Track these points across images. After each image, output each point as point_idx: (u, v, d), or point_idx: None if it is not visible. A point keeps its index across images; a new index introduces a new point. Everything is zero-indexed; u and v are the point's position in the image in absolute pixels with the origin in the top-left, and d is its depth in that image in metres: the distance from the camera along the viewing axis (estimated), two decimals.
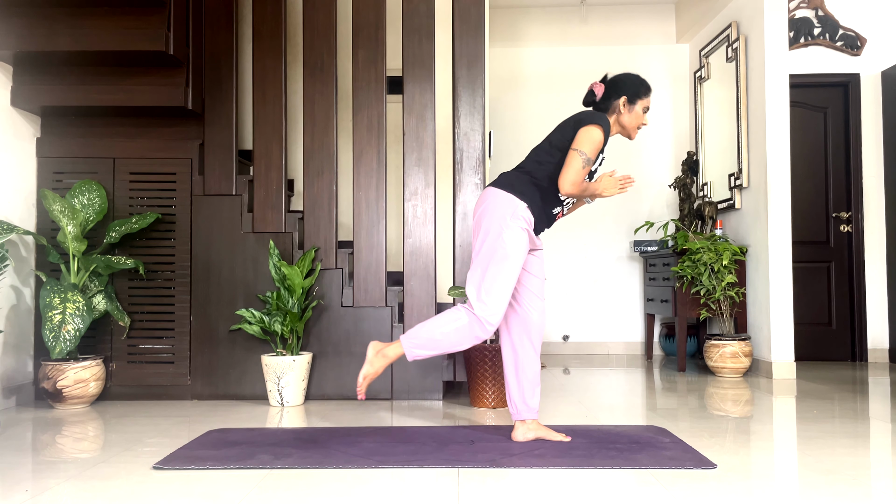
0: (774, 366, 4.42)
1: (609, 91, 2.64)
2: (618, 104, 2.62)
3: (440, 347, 2.53)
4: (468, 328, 2.49)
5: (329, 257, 3.69)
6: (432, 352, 2.54)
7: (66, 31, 3.37)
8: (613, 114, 2.64)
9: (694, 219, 5.30)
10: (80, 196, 3.52)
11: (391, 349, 2.57)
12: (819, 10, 5.45)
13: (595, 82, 2.67)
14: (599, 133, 2.50)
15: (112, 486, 2.10)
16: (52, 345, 3.26)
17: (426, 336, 2.52)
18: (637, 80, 2.64)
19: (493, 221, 2.51)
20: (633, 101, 2.62)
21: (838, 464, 2.33)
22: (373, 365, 2.58)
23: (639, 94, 2.62)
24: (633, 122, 2.64)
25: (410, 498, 1.98)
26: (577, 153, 2.48)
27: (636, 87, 2.62)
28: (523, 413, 2.65)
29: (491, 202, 2.54)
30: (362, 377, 2.58)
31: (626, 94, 2.61)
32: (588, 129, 2.50)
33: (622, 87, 2.62)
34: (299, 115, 4.65)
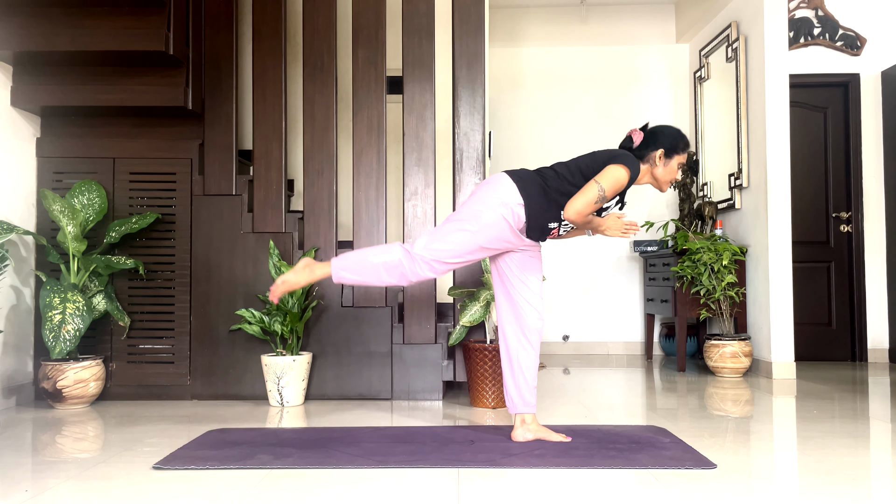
0: (774, 366, 4.42)
1: (647, 140, 2.62)
2: (654, 156, 2.60)
3: (365, 275, 2.55)
4: (398, 263, 2.52)
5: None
6: (358, 277, 2.56)
7: (65, 31, 3.37)
8: (648, 163, 2.62)
9: (694, 219, 5.30)
10: (80, 196, 3.52)
11: (319, 268, 2.59)
12: (819, 10, 5.45)
13: (634, 129, 2.65)
14: (625, 176, 2.49)
15: (112, 486, 2.10)
16: (52, 345, 3.26)
17: (356, 260, 2.55)
18: (677, 135, 2.62)
19: (485, 197, 2.52)
20: (669, 156, 2.61)
21: (838, 464, 2.33)
22: (297, 274, 2.60)
23: (676, 148, 2.61)
24: (666, 176, 2.63)
25: (410, 498, 1.98)
26: (597, 186, 2.47)
27: (675, 142, 2.61)
28: (519, 406, 2.65)
29: (494, 183, 2.55)
30: (281, 281, 2.60)
31: (663, 147, 2.60)
32: (616, 167, 2.49)
33: (661, 140, 2.61)
34: (299, 115, 4.66)
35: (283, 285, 2.59)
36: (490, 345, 3.37)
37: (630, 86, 6.04)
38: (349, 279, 2.57)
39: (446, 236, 2.51)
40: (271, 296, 2.60)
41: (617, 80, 6.05)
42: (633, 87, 6.04)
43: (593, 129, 6.01)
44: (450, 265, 2.55)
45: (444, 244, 2.51)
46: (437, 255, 2.51)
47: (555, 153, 5.99)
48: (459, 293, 3.48)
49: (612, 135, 6.01)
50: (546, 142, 6.03)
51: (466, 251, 2.52)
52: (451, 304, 4.37)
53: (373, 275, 2.55)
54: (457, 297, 3.52)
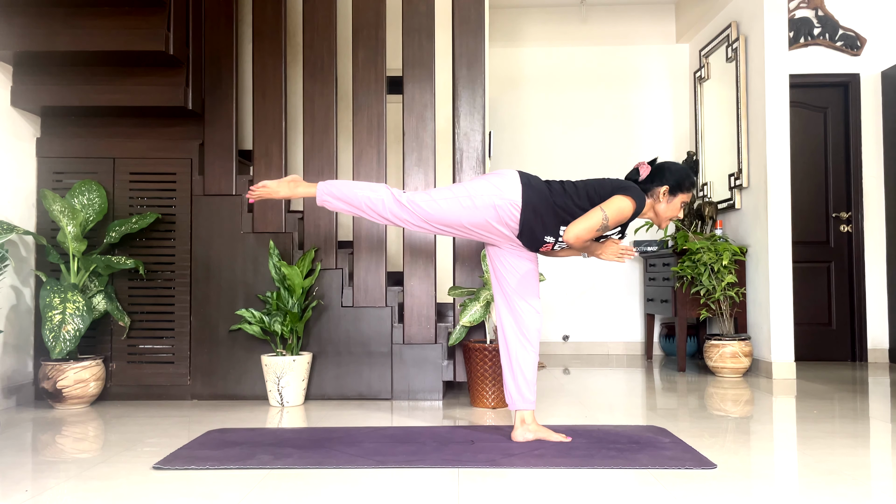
0: (774, 366, 4.42)
1: (654, 175, 2.62)
2: (658, 191, 2.60)
3: (348, 202, 2.60)
4: (380, 201, 2.57)
5: (329, 257, 3.69)
6: (340, 203, 2.61)
7: (66, 30, 3.37)
8: (651, 198, 2.62)
9: (694, 219, 5.30)
10: (80, 196, 3.52)
11: (304, 187, 2.67)
12: (819, 10, 5.45)
13: (642, 162, 2.65)
14: (630, 208, 2.49)
15: (112, 486, 2.10)
16: (52, 345, 3.26)
17: (342, 187, 2.61)
18: (683, 174, 2.62)
19: (488, 185, 2.53)
20: (673, 193, 2.61)
21: (838, 464, 2.33)
22: (280, 186, 2.66)
23: (682, 187, 2.62)
24: (667, 213, 2.63)
25: (410, 498, 1.98)
26: (601, 213, 2.46)
27: (680, 180, 2.61)
28: (518, 403, 2.65)
29: (503, 177, 2.55)
30: (263, 184, 2.65)
31: (668, 184, 2.60)
32: (623, 199, 2.49)
33: (667, 176, 2.60)
34: (299, 115, 4.66)
35: (264, 189, 2.65)
36: (490, 345, 3.37)
37: (630, 86, 6.04)
38: (331, 204, 2.62)
39: (437, 198, 2.55)
40: (250, 195, 2.66)
41: (617, 80, 6.05)
42: (633, 87, 6.04)
43: (593, 129, 6.01)
44: (427, 225, 2.58)
45: (431, 203, 2.54)
46: (421, 209, 2.55)
47: (555, 153, 6.00)
48: (459, 293, 3.48)
49: (612, 135, 6.01)
50: (546, 142, 6.03)
51: (448, 222, 2.55)
52: (451, 304, 4.37)
53: (355, 204, 2.60)
54: (457, 297, 3.52)
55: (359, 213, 2.62)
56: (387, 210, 2.57)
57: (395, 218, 2.58)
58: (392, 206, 2.56)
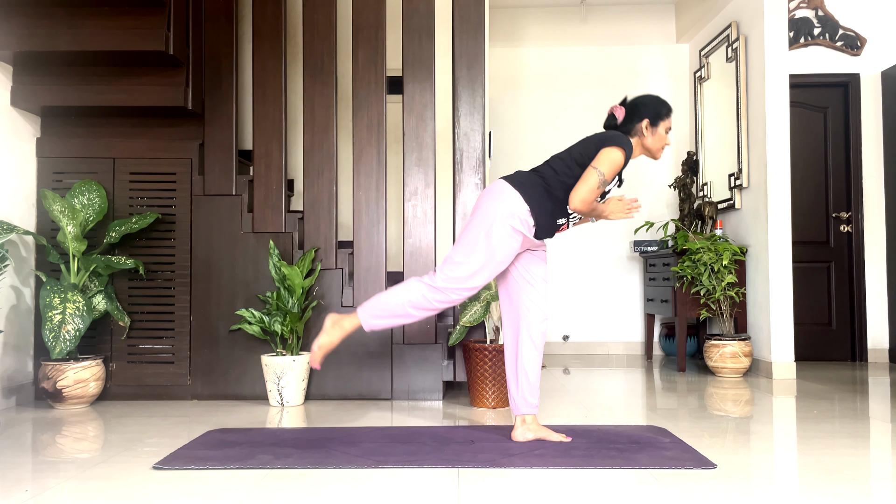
0: (774, 366, 4.42)
1: (630, 114, 2.62)
2: (640, 127, 2.60)
3: (395, 317, 2.55)
4: (423, 298, 2.52)
5: (329, 257, 3.69)
6: (388, 321, 2.56)
7: (66, 31, 3.37)
8: (636, 136, 2.62)
9: (694, 219, 5.30)
10: (80, 196, 3.52)
11: (348, 321, 2.59)
12: (819, 10, 5.45)
13: (615, 105, 2.65)
14: (620, 156, 2.50)
15: (112, 486, 2.10)
16: (52, 345, 3.26)
17: (381, 305, 2.55)
18: (658, 102, 2.63)
19: (491, 212, 2.51)
20: (655, 124, 2.61)
21: (838, 464, 2.33)
22: (329, 335, 2.60)
23: (660, 115, 2.61)
24: (656, 144, 2.63)
25: (410, 498, 1.98)
26: (596, 171, 2.47)
27: (657, 109, 2.61)
28: (522, 408, 2.65)
29: (497, 193, 2.54)
30: (317, 346, 2.59)
31: (647, 116, 2.60)
32: (610, 150, 2.49)
33: (643, 110, 2.61)
34: (299, 115, 4.66)
35: (320, 350, 2.60)
36: (490, 345, 3.37)
37: (630, 86, 6.04)
38: (381, 325, 2.57)
39: (463, 260, 2.50)
40: (313, 364, 2.63)
41: (617, 80, 6.05)
42: (633, 87, 6.04)
43: (593, 129, 6.01)
44: (475, 287, 2.53)
45: (461, 267, 2.50)
46: (458, 280, 2.50)
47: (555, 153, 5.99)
48: None
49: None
50: (546, 142, 6.03)
51: (488, 270, 2.51)
52: None
53: (402, 314, 2.54)
54: None
55: (413, 320, 2.58)
56: (432, 302, 2.52)
57: (444, 303, 2.52)
58: (434, 296, 2.51)
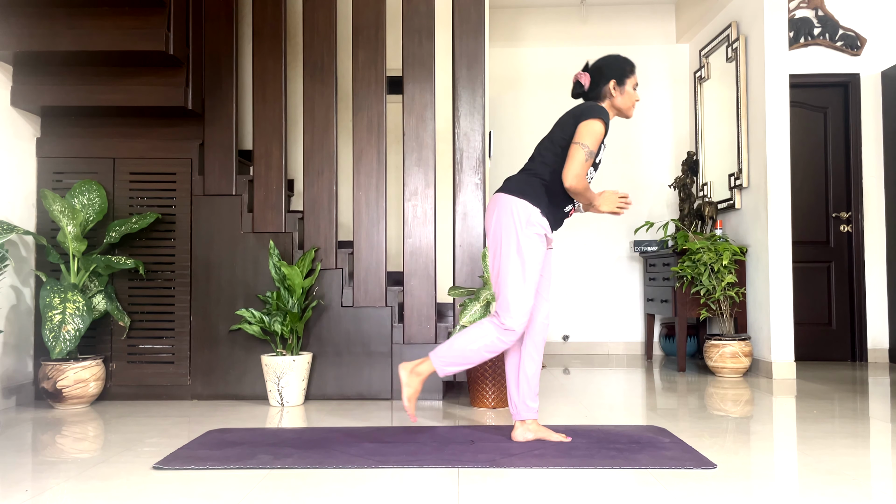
0: (774, 366, 4.42)
1: (595, 78, 2.63)
2: (608, 89, 2.61)
3: (471, 361, 2.56)
4: (497, 341, 2.53)
5: (329, 257, 3.69)
6: (462, 366, 2.57)
7: (66, 31, 3.37)
8: (606, 99, 2.63)
9: (694, 219, 5.30)
10: (80, 196, 3.52)
11: (423, 366, 2.59)
12: (819, 10, 5.45)
13: (579, 72, 2.66)
14: (600, 125, 2.51)
15: (112, 486, 2.10)
16: (52, 345, 3.26)
17: (456, 353, 2.55)
18: (620, 60, 2.63)
19: (510, 231, 2.52)
20: (622, 83, 2.61)
21: (838, 464, 2.33)
22: (410, 385, 2.60)
23: (625, 73, 2.62)
24: (626, 102, 2.64)
25: (410, 498, 1.98)
26: (580, 146, 2.48)
27: (621, 67, 2.62)
28: (523, 413, 2.65)
29: (505, 210, 2.54)
30: (406, 399, 2.60)
31: (613, 77, 2.61)
32: (588, 122, 2.50)
33: (608, 71, 2.61)
34: (299, 115, 4.66)
35: (411, 402, 2.60)
36: None
37: None
38: (455, 370, 2.58)
39: (518, 292, 2.50)
40: (412, 418, 2.66)
41: None
42: None
43: None
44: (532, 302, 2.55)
45: (521, 300, 2.50)
46: (524, 312, 2.51)
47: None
48: (459, 293, 3.48)
49: (612, 135, 6.01)
50: None
51: (533, 285, 2.52)
52: (451, 304, 4.37)
53: (477, 358, 2.56)
54: (457, 297, 3.52)
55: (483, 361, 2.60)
56: (505, 343, 2.53)
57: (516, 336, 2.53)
58: (508, 336, 2.51)
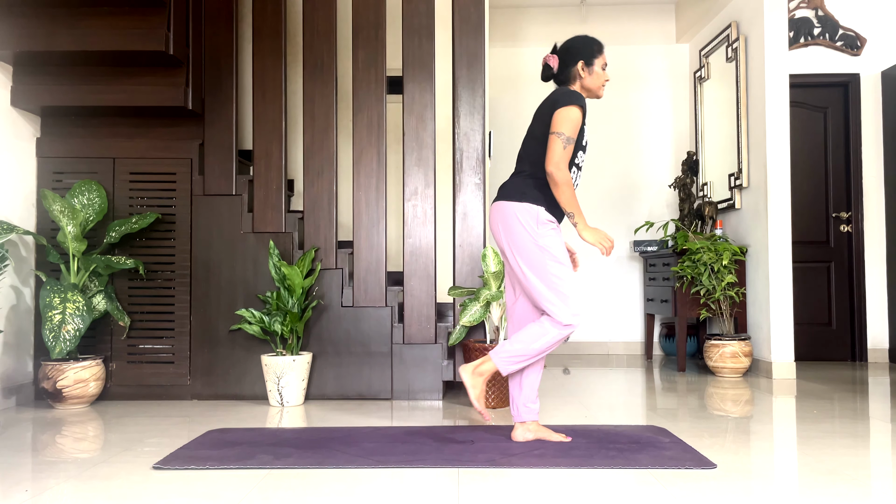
0: (774, 366, 4.42)
1: (564, 60, 2.64)
2: (576, 70, 2.62)
3: (534, 357, 2.56)
4: (559, 336, 2.53)
5: (329, 257, 3.69)
6: (525, 363, 2.57)
7: (66, 31, 3.37)
8: (575, 80, 2.64)
9: (694, 219, 5.30)
10: (80, 196, 3.52)
11: (485, 366, 2.59)
12: (819, 10, 5.45)
13: (548, 55, 2.66)
14: (576, 111, 2.51)
15: (112, 486, 2.10)
16: (51, 345, 3.26)
17: (519, 351, 2.54)
18: (588, 41, 2.64)
19: (523, 236, 2.52)
20: (590, 63, 2.62)
21: (838, 464, 2.33)
22: (475, 386, 2.60)
23: (593, 53, 2.62)
24: (595, 82, 2.64)
25: (410, 498, 1.98)
26: (556, 136, 2.49)
27: (589, 48, 2.62)
28: (524, 415, 2.65)
29: (510, 218, 2.55)
30: (475, 400, 2.59)
31: (581, 58, 2.61)
32: (563, 110, 2.51)
33: (576, 53, 2.62)
34: (299, 115, 4.66)
35: (479, 401, 2.60)
36: (490, 345, 3.37)
37: (630, 86, 6.04)
38: (519, 367, 2.58)
39: (560, 288, 2.50)
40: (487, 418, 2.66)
41: (617, 80, 6.05)
42: (633, 87, 6.04)
43: (593, 129, 6.01)
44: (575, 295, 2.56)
45: (565, 293, 2.51)
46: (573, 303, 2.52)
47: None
48: (459, 293, 3.48)
49: (613, 135, 6.01)
50: None
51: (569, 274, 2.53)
52: (451, 304, 4.37)
53: (539, 353, 2.56)
54: (457, 297, 3.52)
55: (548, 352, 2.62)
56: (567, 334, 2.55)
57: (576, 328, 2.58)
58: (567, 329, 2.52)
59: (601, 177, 5.99)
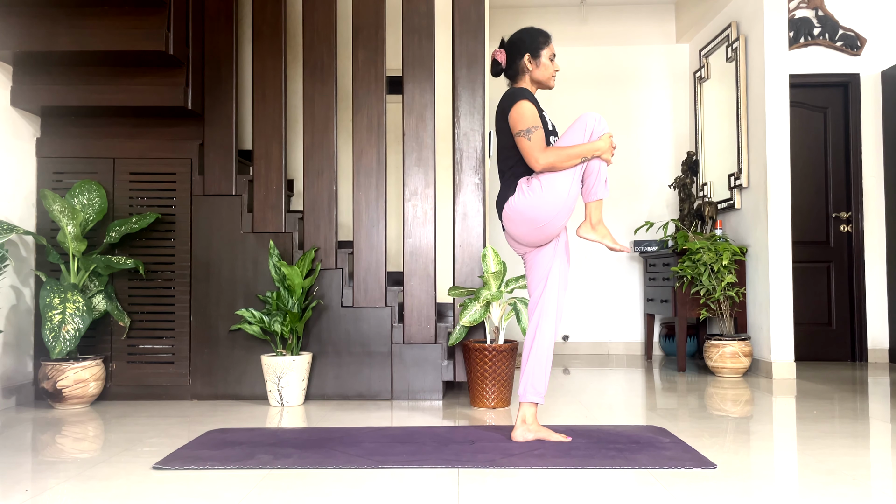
0: (774, 366, 4.42)
1: (511, 54, 2.67)
2: (524, 63, 2.65)
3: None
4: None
5: (329, 257, 3.69)
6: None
7: (66, 31, 3.37)
8: (524, 73, 2.66)
9: (694, 219, 5.30)
10: (80, 196, 3.52)
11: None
12: (819, 10, 5.45)
13: (496, 50, 2.69)
14: (524, 104, 2.54)
15: (112, 486, 2.10)
16: (51, 345, 3.26)
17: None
18: (533, 33, 2.66)
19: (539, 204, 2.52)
20: (536, 55, 2.64)
21: (838, 464, 2.33)
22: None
23: (539, 46, 2.65)
24: (544, 73, 2.66)
25: (410, 498, 1.98)
26: (519, 135, 2.52)
27: (535, 41, 2.65)
28: (529, 395, 2.62)
29: (517, 210, 2.57)
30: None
31: (527, 51, 2.64)
32: (514, 109, 2.55)
33: (522, 46, 2.65)
34: (299, 115, 4.65)
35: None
36: (490, 345, 3.37)
37: (630, 86, 6.04)
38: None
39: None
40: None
41: (617, 80, 6.05)
42: (633, 87, 6.04)
43: None
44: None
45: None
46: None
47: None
48: (459, 293, 3.48)
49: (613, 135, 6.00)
50: None
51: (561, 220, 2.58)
52: (451, 304, 4.37)
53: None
54: (457, 297, 3.52)
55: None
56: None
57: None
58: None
59: None
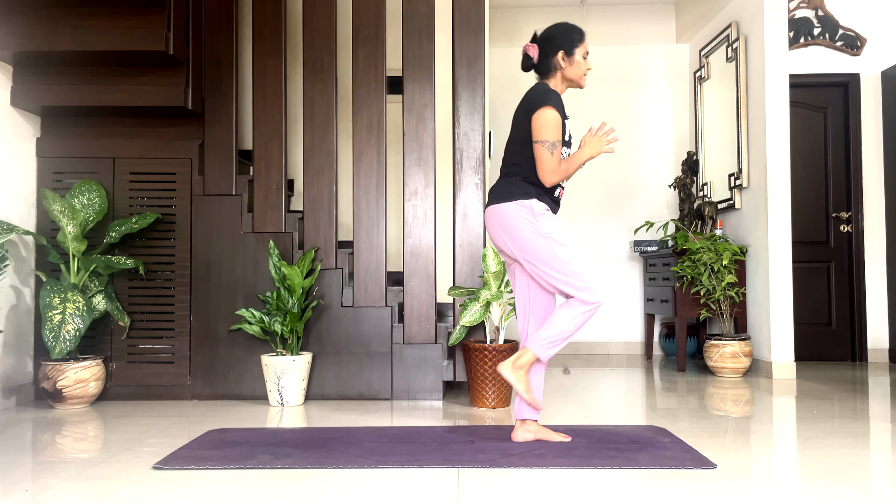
0: (774, 366, 4.42)
1: (545, 49, 2.60)
2: (556, 60, 2.59)
3: (569, 337, 2.55)
4: (590, 313, 2.53)
5: (329, 257, 3.69)
6: (562, 345, 2.56)
7: (66, 31, 3.37)
8: (556, 70, 2.61)
9: (694, 219, 5.30)
10: (80, 196, 3.52)
11: (523, 358, 2.54)
12: (819, 10, 5.44)
13: (528, 45, 2.62)
14: (552, 112, 2.49)
15: (112, 486, 2.10)
16: (52, 345, 3.26)
17: (555, 336, 2.52)
18: (568, 29, 2.60)
19: (524, 232, 2.52)
20: (570, 53, 2.59)
21: (838, 464, 2.33)
22: (520, 380, 2.54)
23: (574, 43, 2.59)
24: (577, 72, 2.61)
25: (410, 498, 1.98)
26: (540, 144, 2.48)
27: (570, 36, 2.59)
28: (525, 413, 2.63)
29: (505, 218, 2.55)
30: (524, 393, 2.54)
31: (562, 48, 2.58)
32: (539, 114, 2.49)
33: (557, 42, 2.59)
34: (299, 115, 4.66)
35: (528, 394, 2.55)
36: (490, 345, 3.37)
37: (630, 86, 6.04)
38: (557, 350, 2.57)
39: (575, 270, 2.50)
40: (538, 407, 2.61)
41: (617, 80, 6.05)
42: (634, 86, 6.04)
43: None
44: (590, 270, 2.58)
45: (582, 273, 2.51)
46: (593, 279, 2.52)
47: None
48: (459, 293, 3.48)
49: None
50: None
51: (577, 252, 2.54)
52: (451, 304, 4.37)
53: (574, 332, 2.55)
54: (457, 297, 3.52)
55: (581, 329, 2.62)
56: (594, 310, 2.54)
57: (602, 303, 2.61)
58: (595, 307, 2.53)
59: (601, 177, 5.99)
